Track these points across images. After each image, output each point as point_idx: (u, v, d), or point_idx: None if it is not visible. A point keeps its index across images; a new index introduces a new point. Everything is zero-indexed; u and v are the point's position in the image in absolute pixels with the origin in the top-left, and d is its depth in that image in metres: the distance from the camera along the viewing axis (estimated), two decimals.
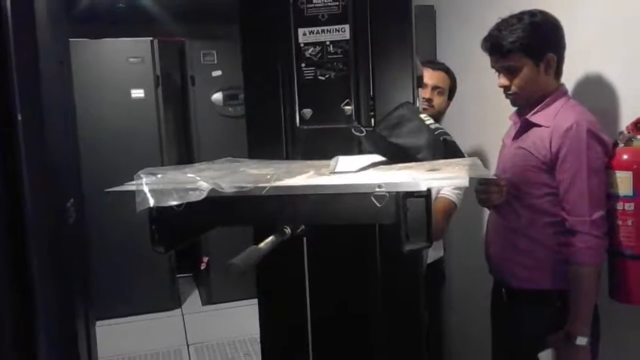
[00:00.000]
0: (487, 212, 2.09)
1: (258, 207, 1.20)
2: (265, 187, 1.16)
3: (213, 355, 3.69)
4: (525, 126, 1.84)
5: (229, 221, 1.39)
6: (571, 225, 1.71)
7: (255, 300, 1.73)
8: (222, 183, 1.16)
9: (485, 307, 2.10)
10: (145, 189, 1.17)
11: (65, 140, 1.61)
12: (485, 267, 2.03)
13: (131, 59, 4.22)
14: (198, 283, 4.94)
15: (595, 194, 1.68)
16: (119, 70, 4.22)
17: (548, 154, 1.74)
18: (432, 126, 1.35)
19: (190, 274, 5.15)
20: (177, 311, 4.46)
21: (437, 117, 2.35)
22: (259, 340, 1.78)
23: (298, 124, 1.58)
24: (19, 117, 1.25)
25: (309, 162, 1.48)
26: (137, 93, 4.25)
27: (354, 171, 1.29)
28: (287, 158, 1.58)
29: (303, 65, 1.55)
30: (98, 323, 2.20)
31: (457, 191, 2.21)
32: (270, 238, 1.17)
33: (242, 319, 4.06)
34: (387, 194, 1.12)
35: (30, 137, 1.27)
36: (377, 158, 1.38)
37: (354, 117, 1.53)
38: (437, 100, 2.35)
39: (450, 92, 2.42)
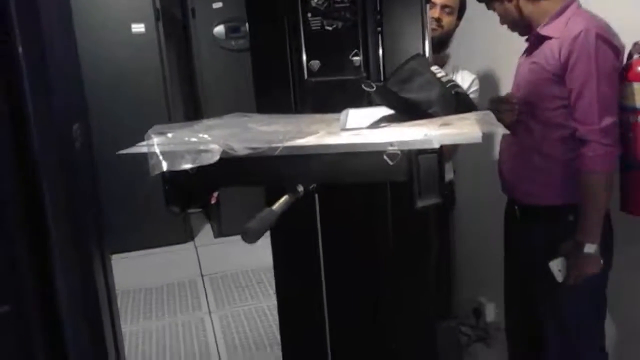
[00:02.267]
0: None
1: (271, 167, 1.21)
2: (277, 147, 1.16)
3: (227, 284, 3.80)
4: (537, 40, 1.81)
5: (243, 182, 1.40)
6: (581, 135, 1.69)
7: (267, 232, 1.76)
8: (234, 144, 1.16)
9: (495, 230, 2.11)
10: (157, 151, 1.17)
11: (67, 63, 1.57)
12: (496, 188, 2.03)
13: None
14: (209, 217, 5.01)
15: (605, 100, 1.65)
16: (119, 4, 4.12)
17: (557, 63, 1.71)
18: (444, 79, 1.32)
19: (201, 210, 5.21)
20: (190, 244, 4.56)
21: (446, 37, 2.29)
22: (271, 268, 1.82)
23: (306, 77, 1.56)
24: (20, 48, 1.22)
25: (319, 117, 1.47)
26: (138, 27, 4.17)
27: (365, 127, 1.28)
28: (296, 111, 1.57)
29: (309, 15, 1.51)
30: (112, 257, 2.24)
31: None
32: (284, 198, 1.18)
33: (254, 250, 4.08)
34: (400, 152, 1.13)
35: (31, 61, 1.24)
36: (388, 110, 1.37)
37: (362, 68, 1.51)
38: (446, 20, 2.25)
39: (460, 11, 2.32)
